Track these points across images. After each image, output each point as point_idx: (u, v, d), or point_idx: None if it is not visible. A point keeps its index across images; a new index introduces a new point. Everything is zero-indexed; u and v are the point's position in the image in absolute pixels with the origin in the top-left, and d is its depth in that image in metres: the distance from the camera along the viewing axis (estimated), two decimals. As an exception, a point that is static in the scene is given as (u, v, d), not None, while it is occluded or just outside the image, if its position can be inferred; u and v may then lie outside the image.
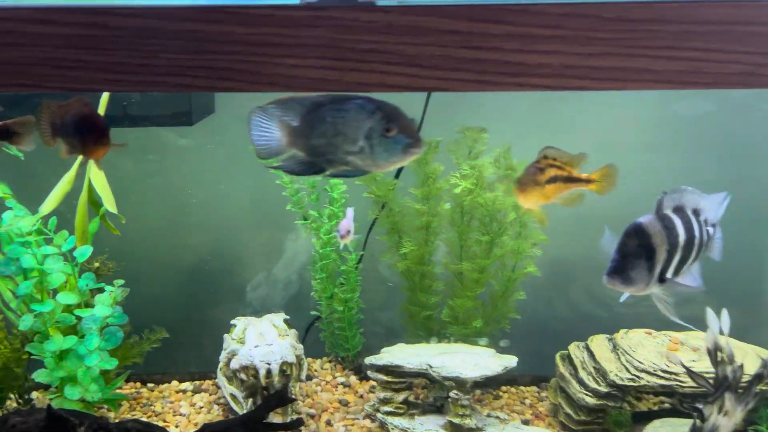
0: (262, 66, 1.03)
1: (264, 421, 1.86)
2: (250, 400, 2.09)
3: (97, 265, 2.18)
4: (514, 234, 2.19)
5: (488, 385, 2.30)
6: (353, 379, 2.41)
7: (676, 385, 1.93)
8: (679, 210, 1.37)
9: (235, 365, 2.07)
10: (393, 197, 2.24)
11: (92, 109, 1.41)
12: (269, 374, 1.99)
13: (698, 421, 1.62)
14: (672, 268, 1.35)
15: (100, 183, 2.04)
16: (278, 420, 2.02)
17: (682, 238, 1.34)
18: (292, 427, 1.87)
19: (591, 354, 2.11)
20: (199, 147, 2.41)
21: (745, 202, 1.54)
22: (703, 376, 1.61)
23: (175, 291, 2.54)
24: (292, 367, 2.07)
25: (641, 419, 2.02)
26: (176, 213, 2.48)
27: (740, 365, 1.62)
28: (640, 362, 1.98)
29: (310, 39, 1.02)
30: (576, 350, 2.16)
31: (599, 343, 2.14)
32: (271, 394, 1.95)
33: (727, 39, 0.99)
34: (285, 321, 2.29)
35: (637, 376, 1.96)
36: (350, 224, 1.84)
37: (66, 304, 2.01)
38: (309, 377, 2.39)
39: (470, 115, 2.22)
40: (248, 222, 2.51)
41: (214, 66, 1.03)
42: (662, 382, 1.94)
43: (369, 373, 2.13)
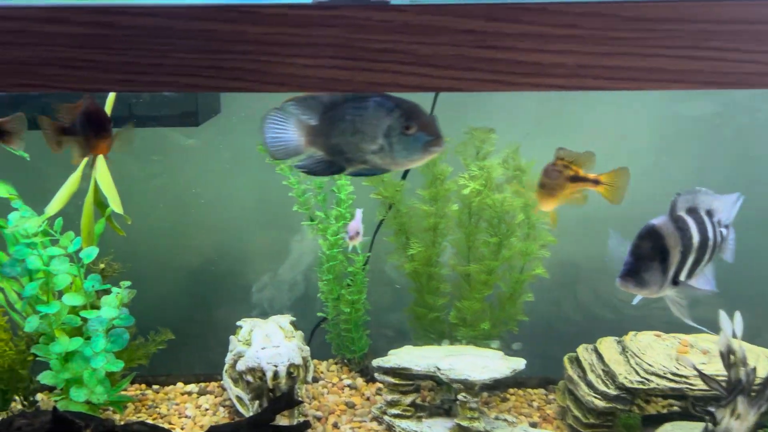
0: (273, 66, 1.01)
1: (271, 423, 1.85)
2: (256, 402, 2.07)
3: (102, 266, 2.17)
4: (522, 235, 2.17)
5: (495, 387, 2.29)
6: (359, 381, 2.39)
7: (686, 388, 1.91)
8: (693, 211, 1.36)
9: (241, 367, 2.06)
10: (400, 198, 2.22)
11: (94, 103, 1.37)
12: (276, 376, 1.98)
13: (710, 425, 1.60)
14: (686, 270, 1.33)
15: (106, 183, 2.03)
16: (285, 422, 2.01)
17: (695, 239, 1.33)
18: (300, 430, 1.86)
19: (600, 356, 2.09)
20: (205, 147, 2.40)
21: (754, 203, 1.53)
22: (716, 379, 1.60)
23: (180, 292, 2.53)
24: (299, 369, 2.06)
25: (651, 422, 2.00)
26: (182, 214, 2.47)
27: (753, 368, 1.61)
28: (650, 365, 1.97)
29: (322, 38, 1.01)
30: (584, 353, 2.14)
31: (608, 346, 2.12)
32: (279, 397, 1.94)
33: (745, 38, 0.98)
34: (291, 323, 2.28)
35: (646, 379, 1.94)
36: (359, 225, 1.82)
37: (71, 306, 2.00)
38: (315, 379, 2.37)
39: (477, 115, 2.21)
40: (254, 223, 2.50)
41: (225, 66, 1.02)
42: (672, 385, 1.92)
43: (376, 375, 2.12)
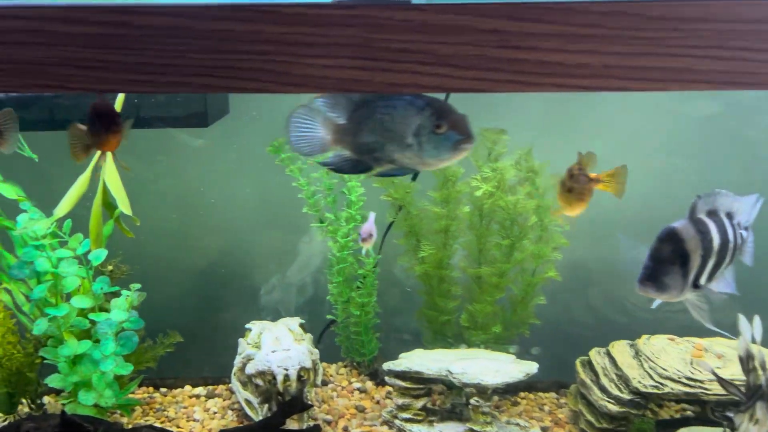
0: (291, 66, 1.00)
1: (281, 427, 1.83)
2: (265, 405, 2.06)
3: (110, 268, 2.16)
4: (534, 238, 2.15)
5: (506, 391, 2.27)
6: (369, 384, 2.37)
7: (701, 392, 1.89)
8: (713, 213, 1.34)
9: (251, 370, 2.04)
10: (410, 200, 2.21)
11: (103, 99, 1.35)
12: (286, 380, 1.96)
13: (728, 430, 1.58)
14: (706, 273, 1.31)
15: (115, 185, 2.01)
16: (295, 426, 1.99)
17: (716, 242, 1.31)
18: (310, 434, 1.85)
19: (612, 360, 2.07)
20: (213, 148, 2.38)
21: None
22: (735, 384, 1.58)
23: (188, 294, 2.51)
24: (309, 373, 2.04)
25: (665, 427, 1.98)
26: (190, 215, 2.45)
27: (772, 373, 1.58)
28: (664, 369, 1.94)
29: (341, 38, 0.99)
30: (597, 356, 2.12)
31: (621, 349, 2.10)
32: (289, 400, 1.92)
33: (770, 38, 0.96)
34: (300, 325, 2.26)
35: (660, 383, 1.92)
36: (372, 228, 1.80)
37: (80, 308, 1.98)
38: (324, 382, 2.36)
39: (484, 116, 2.18)
40: (262, 224, 2.48)
41: (242, 66, 1.00)
42: (687, 389, 1.90)
43: (387, 378, 2.10)
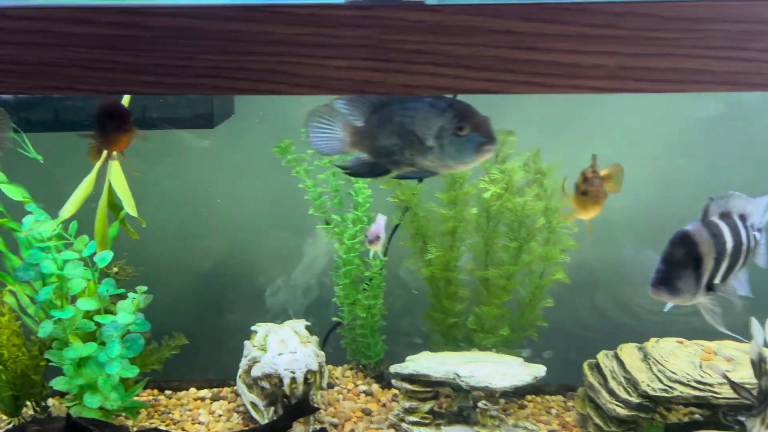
0: (304, 68, 0.98)
1: (288, 430, 1.82)
2: (271, 408, 2.04)
3: (115, 270, 2.15)
4: (542, 240, 2.14)
5: (513, 394, 2.25)
6: (375, 387, 2.36)
7: (710, 396, 1.87)
8: (726, 216, 1.33)
9: (257, 373, 2.03)
10: (417, 202, 2.19)
11: (111, 98, 1.35)
12: (293, 383, 1.95)
13: (740, 435, 1.57)
14: (719, 276, 1.30)
15: (120, 186, 2.01)
16: (301, 429, 1.98)
17: (729, 245, 1.30)
18: (317, 438, 1.83)
19: (621, 363, 2.05)
20: (218, 149, 2.37)
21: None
22: (746, 388, 1.56)
23: (192, 295, 2.50)
24: (315, 376, 2.03)
25: (674, 431, 1.96)
26: (194, 216, 2.44)
27: (784, 377, 1.57)
28: (673, 372, 1.93)
29: (354, 39, 0.98)
30: (605, 359, 2.10)
31: (629, 352, 2.09)
32: (296, 403, 1.91)
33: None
34: (306, 327, 2.25)
35: (670, 387, 1.90)
36: (380, 230, 1.78)
37: (85, 311, 1.97)
38: (330, 385, 2.34)
39: (493, 116, 2.17)
40: (267, 225, 2.47)
41: (253, 68, 0.99)
42: (697, 393, 1.88)
43: (393, 382, 2.08)
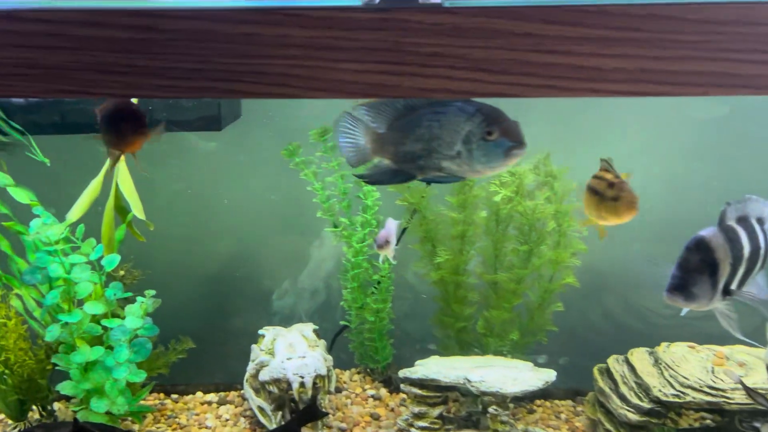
0: (320, 71, 0.97)
1: (297, 436, 1.80)
2: (278, 412, 2.03)
3: (122, 273, 2.13)
4: (552, 243, 2.12)
5: (522, 398, 2.23)
6: (383, 391, 2.34)
7: (723, 401, 1.85)
8: (743, 220, 1.31)
9: (265, 377, 2.01)
10: (426, 205, 2.18)
11: (125, 99, 1.33)
12: (302, 388, 1.93)
13: (755, 441, 1.55)
14: (736, 281, 1.29)
15: (128, 188, 1.99)
16: (309, 434, 1.97)
17: (746, 250, 1.28)
18: (327, 443, 1.82)
19: (632, 368, 2.03)
20: (225, 152, 2.36)
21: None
22: (763, 394, 1.54)
23: (198, 299, 2.49)
24: (324, 380, 2.01)
25: (686, 436, 1.95)
26: (201, 219, 2.42)
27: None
28: (685, 377, 1.91)
29: (370, 42, 0.96)
30: (615, 364, 2.08)
31: (640, 357, 2.07)
32: (305, 408, 1.89)
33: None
34: (314, 331, 2.23)
35: (682, 392, 1.88)
36: (390, 234, 1.76)
37: (93, 314, 1.96)
38: (338, 389, 2.33)
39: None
40: (275, 229, 2.45)
41: (269, 71, 0.97)
42: (709, 398, 1.85)
43: (402, 386, 2.07)
